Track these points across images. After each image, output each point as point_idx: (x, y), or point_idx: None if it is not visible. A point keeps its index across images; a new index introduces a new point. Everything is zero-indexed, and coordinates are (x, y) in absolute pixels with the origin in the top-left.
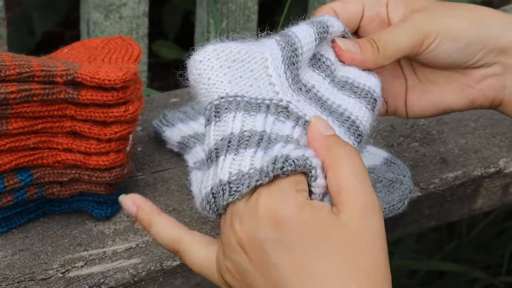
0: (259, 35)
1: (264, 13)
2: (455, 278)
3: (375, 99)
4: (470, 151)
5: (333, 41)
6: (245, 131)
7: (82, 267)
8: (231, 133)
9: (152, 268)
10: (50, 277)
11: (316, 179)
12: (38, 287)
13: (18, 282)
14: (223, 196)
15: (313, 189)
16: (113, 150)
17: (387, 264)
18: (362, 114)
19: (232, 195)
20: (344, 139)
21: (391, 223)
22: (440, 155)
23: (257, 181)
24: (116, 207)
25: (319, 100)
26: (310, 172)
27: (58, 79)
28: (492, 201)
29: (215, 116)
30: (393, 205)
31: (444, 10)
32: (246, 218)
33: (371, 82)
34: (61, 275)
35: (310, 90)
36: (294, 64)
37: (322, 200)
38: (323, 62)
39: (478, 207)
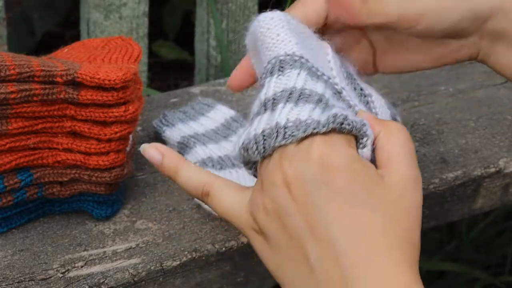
0: None
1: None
2: (455, 278)
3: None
4: (470, 151)
5: None
6: (306, 89)
7: (82, 267)
8: (293, 87)
9: (152, 268)
10: (50, 277)
11: (364, 147)
12: (38, 287)
13: (18, 282)
14: (276, 138)
15: None
16: (113, 150)
17: (419, 239)
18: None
19: (285, 138)
20: None
21: None
22: (440, 155)
23: (314, 129)
24: (116, 207)
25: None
26: (362, 138)
27: (58, 79)
28: (492, 201)
29: (279, 69)
30: None
31: None
32: (297, 158)
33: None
34: (61, 275)
35: (355, 89)
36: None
37: None
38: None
39: (478, 207)
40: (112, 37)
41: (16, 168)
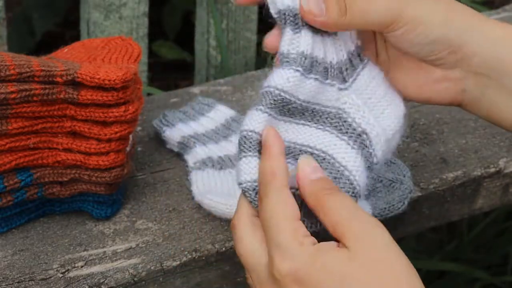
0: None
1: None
2: (455, 278)
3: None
4: (470, 151)
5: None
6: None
7: (82, 267)
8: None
9: (152, 268)
10: (50, 277)
11: None
12: (38, 287)
13: (18, 282)
14: None
15: None
16: (113, 150)
17: (409, 265)
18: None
19: None
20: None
21: (391, 223)
22: (440, 155)
23: None
24: (116, 207)
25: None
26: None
27: (58, 79)
28: (492, 201)
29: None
30: (393, 205)
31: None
32: (266, 284)
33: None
34: (61, 275)
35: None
36: None
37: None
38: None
39: (478, 207)
40: (112, 37)
41: (16, 168)
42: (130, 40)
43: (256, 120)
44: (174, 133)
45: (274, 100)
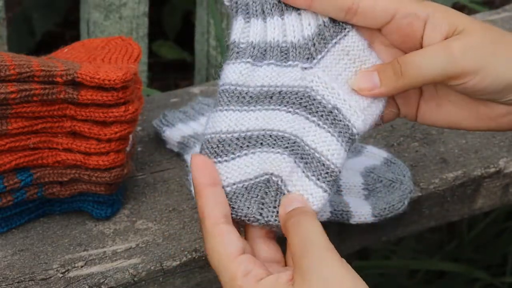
0: None
1: None
2: (455, 278)
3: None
4: (470, 151)
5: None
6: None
7: (82, 267)
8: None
9: (152, 268)
10: (50, 277)
11: None
12: (38, 287)
13: (18, 282)
14: None
15: None
16: (113, 150)
17: (350, 274)
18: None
19: None
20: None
21: (391, 223)
22: (440, 155)
23: None
24: (116, 207)
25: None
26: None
27: (58, 79)
28: (492, 201)
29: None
30: (393, 205)
31: (491, 45)
32: None
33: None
34: (61, 275)
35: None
36: None
37: None
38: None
39: (478, 207)
40: (112, 37)
41: (16, 168)
42: (130, 40)
43: (219, 121)
44: (174, 133)
45: (231, 95)
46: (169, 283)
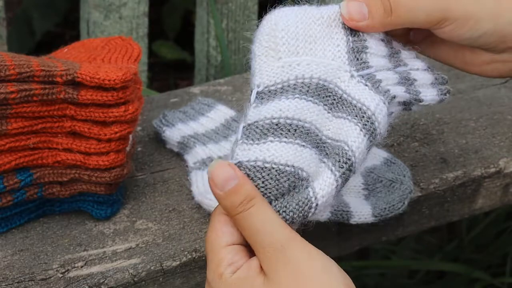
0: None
1: (264, 13)
2: (455, 278)
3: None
4: (470, 151)
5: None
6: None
7: (82, 267)
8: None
9: (152, 268)
10: (50, 277)
11: None
12: (38, 287)
13: (18, 282)
14: None
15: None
16: (113, 150)
17: (331, 272)
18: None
19: None
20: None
21: (391, 223)
22: (440, 155)
23: None
24: (116, 207)
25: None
26: None
27: (58, 79)
28: (492, 201)
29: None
30: (393, 205)
31: None
32: None
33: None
34: (61, 275)
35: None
36: None
37: None
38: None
39: (478, 207)
40: (112, 37)
41: (16, 168)
42: (130, 40)
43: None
44: (174, 133)
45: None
46: (169, 283)
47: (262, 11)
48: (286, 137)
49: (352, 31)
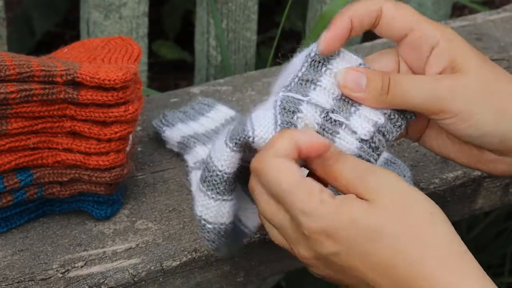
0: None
1: (264, 13)
2: None
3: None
4: None
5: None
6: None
7: (82, 267)
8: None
9: (152, 268)
10: (50, 277)
11: None
12: (38, 287)
13: (18, 282)
14: None
15: None
16: (113, 150)
17: (430, 207)
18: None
19: None
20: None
21: None
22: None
23: None
24: (116, 207)
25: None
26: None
27: (58, 79)
28: (492, 201)
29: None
30: None
31: (479, 91)
32: (302, 243)
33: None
34: (61, 275)
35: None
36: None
37: None
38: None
39: (478, 207)
40: (112, 37)
41: (16, 168)
42: (130, 40)
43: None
44: (174, 133)
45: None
46: (169, 283)
47: (262, 11)
48: None
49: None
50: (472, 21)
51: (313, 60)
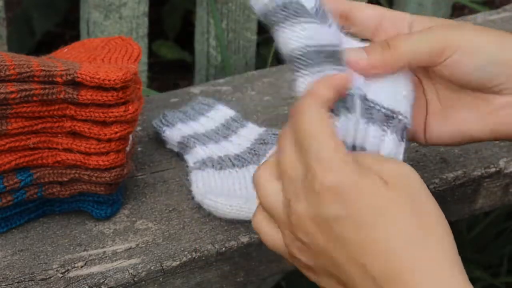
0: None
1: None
2: None
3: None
4: (470, 151)
5: None
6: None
7: (82, 267)
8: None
9: (152, 268)
10: (50, 277)
11: None
12: (38, 287)
13: (18, 282)
14: None
15: None
16: (113, 150)
17: (438, 209)
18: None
19: None
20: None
21: None
22: (440, 155)
23: None
24: (116, 207)
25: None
26: None
27: (58, 79)
28: (492, 201)
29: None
30: None
31: (470, 27)
32: (307, 199)
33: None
34: (61, 275)
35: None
36: None
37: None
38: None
39: (478, 207)
40: (112, 37)
41: (16, 168)
42: (130, 40)
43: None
44: (174, 133)
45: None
46: (169, 283)
47: None
48: None
49: None
50: (472, 21)
51: None
